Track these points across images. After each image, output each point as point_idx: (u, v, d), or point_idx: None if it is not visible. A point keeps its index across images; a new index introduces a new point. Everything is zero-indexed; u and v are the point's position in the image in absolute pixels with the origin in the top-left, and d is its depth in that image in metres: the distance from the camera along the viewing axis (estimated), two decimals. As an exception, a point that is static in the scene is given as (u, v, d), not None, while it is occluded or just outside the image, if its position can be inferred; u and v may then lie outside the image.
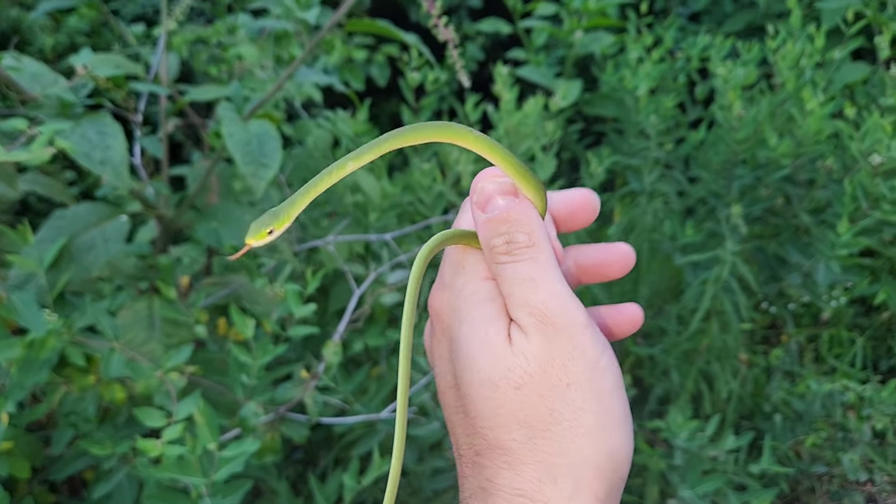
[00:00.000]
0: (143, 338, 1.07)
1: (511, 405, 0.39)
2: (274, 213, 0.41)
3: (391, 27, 0.94)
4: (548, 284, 0.41)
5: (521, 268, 0.41)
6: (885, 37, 1.50)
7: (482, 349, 0.40)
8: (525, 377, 0.39)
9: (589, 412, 0.39)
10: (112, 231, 1.01)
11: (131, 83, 0.98)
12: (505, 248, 0.42)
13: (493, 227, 0.42)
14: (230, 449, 0.82)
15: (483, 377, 0.40)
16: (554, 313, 0.40)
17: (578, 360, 0.39)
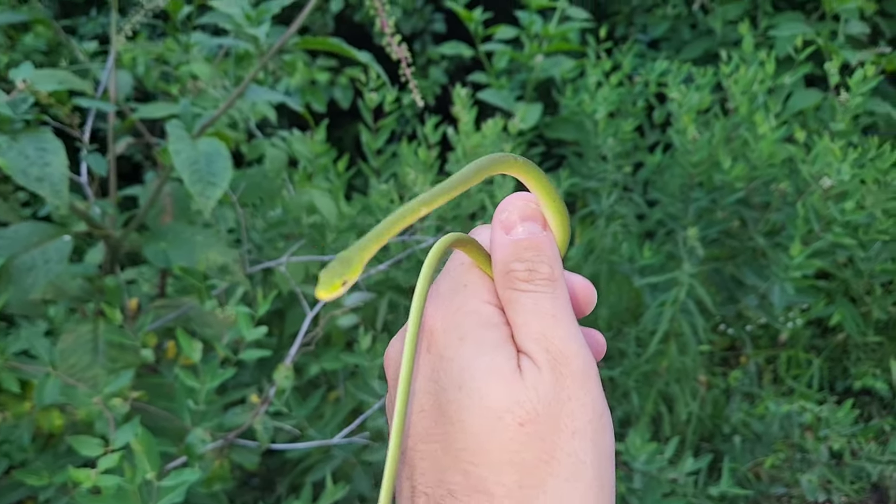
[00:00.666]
0: (87, 362, 1.03)
1: (509, 443, 0.35)
2: (345, 261, 0.36)
3: (344, 45, 0.93)
4: (568, 325, 0.38)
5: (542, 300, 0.38)
6: (835, 63, 1.53)
7: (490, 375, 0.36)
8: (532, 414, 0.35)
9: (590, 468, 0.35)
10: (54, 251, 0.98)
11: (76, 99, 0.96)
12: (526, 276, 0.39)
13: (517, 251, 0.39)
14: (171, 478, 0.79)
15: (486, 405, 0.36)
16: (571, 354, 0.37)
17: (588, 409, 0.36)
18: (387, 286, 1.34)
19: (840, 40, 2.00)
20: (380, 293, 1.36)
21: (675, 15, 2.60)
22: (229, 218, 1.37)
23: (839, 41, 2.01)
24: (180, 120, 0.97)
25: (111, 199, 1.08)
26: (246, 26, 0.89)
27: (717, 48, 2.39)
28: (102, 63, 1.31)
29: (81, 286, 1.12)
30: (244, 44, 1.16)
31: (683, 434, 1.63)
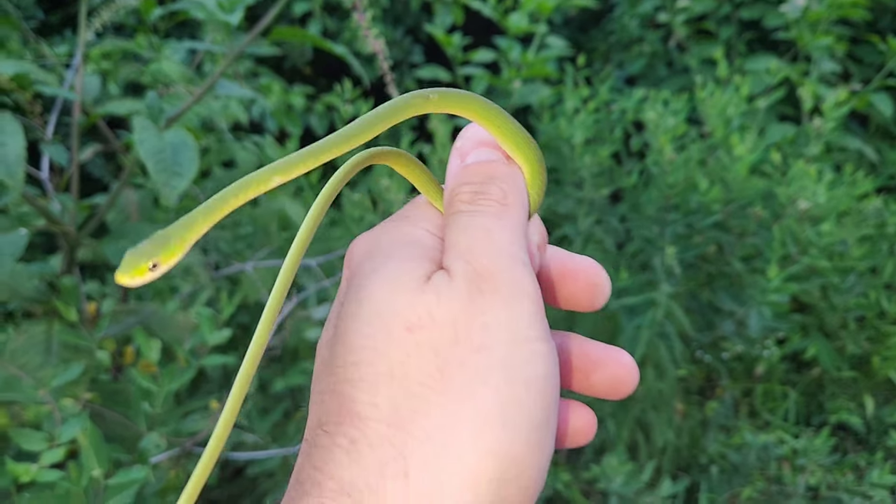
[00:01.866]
0: (38, 363, 0.98)
1: (392, 351, 0.29)
2: (160, 241, 0.30)
3: (318, 37, 0.91)
4: (505, 242, 0.32)
5: (479, 217, 0.33)
6: (808, 89, 1.55)
7: (387, 283, 0.31)
8: (425, 319, 0.29)
9: (492, 392, 0.28)
10: (8, 245, 0.93)
11: (39, 86, 0.93)
12: (470, 198, 0.33)
13: (467, 174, 0.35)
14: (119, 477, 0.74)
15: (371, 310, 0.30)
16: (498, 269, 0.30)
17: (506, 327, 0.29)
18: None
19: (812, 78, 2.04)
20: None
21: (652, 52, 2.64)
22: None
23: (811, 78, 2.04)
24: (147, 113, 0.95)
25: (73, 196, 1.04)
26: (218, 13, 0.87)
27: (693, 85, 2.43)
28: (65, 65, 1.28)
29: (37, 287, 1.07)
30: (217, 48, 1.14)
31: (660, 462, 1.59)
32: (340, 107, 1.43)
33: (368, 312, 0.30)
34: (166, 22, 1.20)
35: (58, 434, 0.75)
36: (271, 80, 2.23)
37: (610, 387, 0.38)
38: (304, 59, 2.81)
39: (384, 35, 2.73)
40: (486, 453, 0.27)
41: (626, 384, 0.38)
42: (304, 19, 2.65)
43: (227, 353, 1.16)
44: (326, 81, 2.90)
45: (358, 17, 0.88)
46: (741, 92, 1.52)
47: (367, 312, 0.30)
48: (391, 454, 0.28)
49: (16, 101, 0.91)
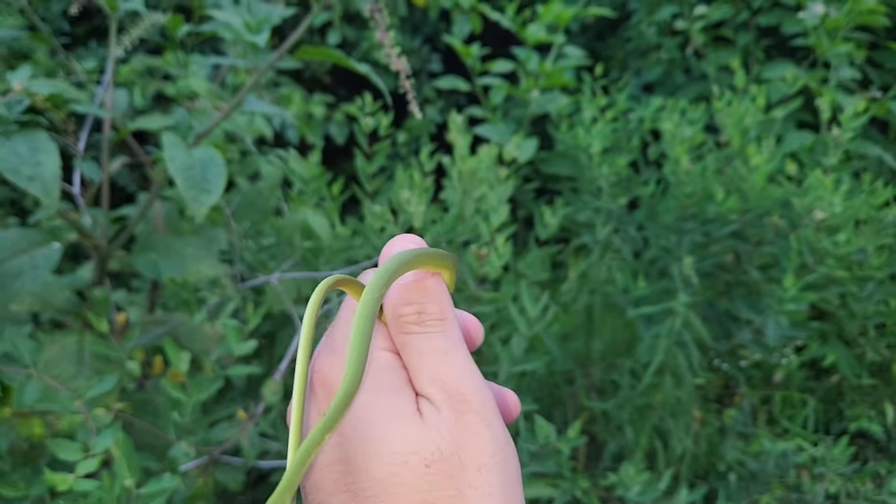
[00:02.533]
0: (71, 373, 1.01)
1: (417, 484, 0.36)
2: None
3: (343, 56, 0.94)
4: (461, 361, 0.39)
5: (433, 340, 0.39)
6: (826, 99, 1.56)
7: (390, 419, 0.37)
8: (437, 454, 0.36)
9: (498, 498, 0.36)
10: (42, 258, 0.96)
11: (72, 104, 0.96)
12: (416, 318, 0.39)
13: (405, 294, 0.40)
14: (150, 486, 0.76)
15: (390, 450, 0.36)
16: (468, 391, 0.38)
17: (491, 443, 0.37)
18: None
19: (831, 85, 2.04)
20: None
21: (669, 59, 2.64)
22: (222, 239, 1.36)
23: (830, 85, 2.04)
24: (176, 129, 0.97)
25: (103, 210, 1.07)
26: (245, 34, 0.90)
27: (710, 93, 2.43)
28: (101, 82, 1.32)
29: (69, 299, 1.11)
30: (242, 62, 1.16)
31: (678, 469, 1.60)
32: (361, 118, 1.46)
33: (385, 453, 0.36)
34: (193, 38, 1.23)
35: (92, 444, 0.78)
36: (292, 90, 2.26)
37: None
38: (323, 68, 2.84)
39: (402, 44, 2.75)
40: None
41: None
42: (324, 29, 2.68)
43: (252, 363, 1.18)
44: (346, 90, 2.93)
45: (380, 35, 0.90)
46: (758, 102, 1.53)
47: (384, 452, 0.36)
48: None
49: (50, 119, 0.94)
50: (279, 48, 0.96)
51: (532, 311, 1.22)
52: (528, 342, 1.26)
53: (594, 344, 1.65)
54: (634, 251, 1.82)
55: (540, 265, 1.59)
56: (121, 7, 1.06)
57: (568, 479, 1.34)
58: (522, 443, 1.21)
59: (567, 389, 1.67)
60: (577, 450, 1.65)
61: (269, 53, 1.06)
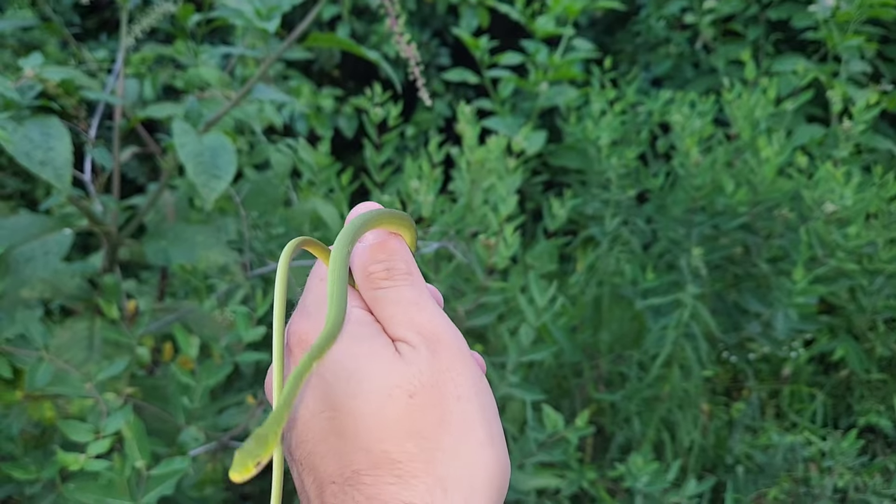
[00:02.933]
0: (82, 358, 1.02)
1: (403, 415, 0.38)
2: (260, 440, 0.36)
3: (353, 42, 0.94)
4: (432, 308, 0.42)
5: (404, 291, 0.42)
6: (837, 91, 1.55)
7: (372, 360, 0.40)
8: (419, 386, 0.39)
9: (479, 424, 0.39)
10: (53, 244, 0.97)
11: (83, 92, 0.96)
12: (385, 274, 0.42)
13: (372, 254, 0.43)
14: (161, 467, 0.77)
15: (374, 387, 0.39)
16: (441, 332, 0.41)
17: (466, 374, 0.40)
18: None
19: (842, 78, 2.03)
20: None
21: (678, 53, 2.63)
22: (231, 228, 1.36)
23: (841, 79, 2.03)
24: (186, 117, 0.98)
25: (114, 197, 1.07)
26: (256, 21, 0.90)
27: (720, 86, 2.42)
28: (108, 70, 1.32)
29: (79, 285, 1.11)
30: (252, 52, 1.16)
31: (686, 461, 1.60)
32: (370, 109, 1.46)
33: (369, 390, 0.39)
34: (203, 28, 1.23)
35: (103, 426, 0.78)
36: (301, 83, 2.26)
37: None
38: (332, 61, 2.84)
39: (412, 38, 2.75)
40: (491, 463, 0.38)
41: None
42: (333, 23, 2.68)
43: (261, 350, 1.19)
44: (355, 84, 2.93)
45: (390, 22, 0.90)
46: (768, 94, 1.52)
47: (368, 390, 0.39)
48: (431, 480, 0.37)
49: (62, 105, 0.95)
50: (288, 38, 0.96)
51: (540, 301, 1.22)
52: (536, 333, 1.26)
53: (602, 335, 1.65)
54: (643, 244, 1.81)
55: (548, 257, 1.58)
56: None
57: (575, 469, 1.34)
58: (530, 432, 1.21)
59: (575, 381, 1.67)
60: (585, 441, 1.65)
61: (279, 42, 1.06)
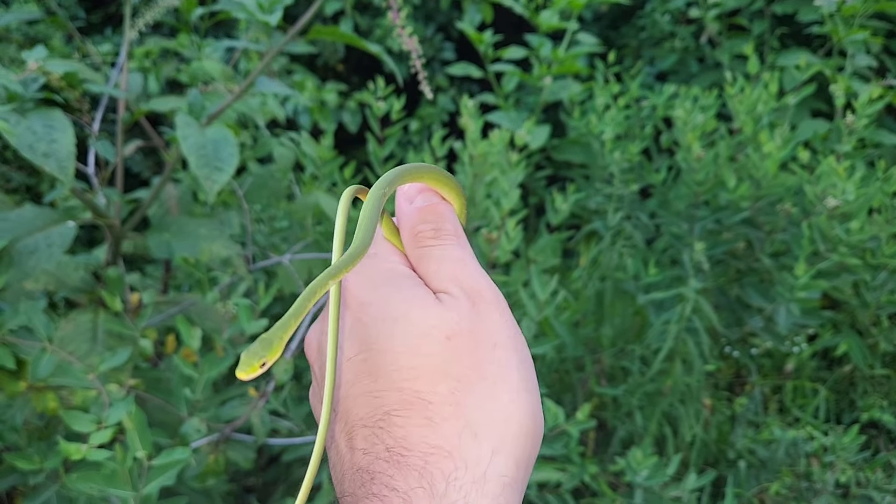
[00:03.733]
0: (85, 350, 1.02)
1: (438, 355, 0.38)
2: (266, 343, 0.37)
3: (355, 36, 0.94)
4: (475, 266, 0.42)
5: (449, 249, 0.43)
6: (841, 86, 1.54)
7: (412, 303, 0.40)
8: (457, 329, 0.39)
9: (514, 371, 0.39)
10: (57, 236, 0.97)
11: (87, 84, 0.97)
12: (433, 234, 0.43)
13: (422, 215, 0.44)
14: (162, 457, 0.77)
15: (411, 327, 0.39)
16: (483, 287, 0.41)
17: (505, 327, 0.40)
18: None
19: (847, 72, 2.02)
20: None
21: (683, 48, 2.63)
22: (234, 222, 1.37)
23: (846, 73, 2.02)
24: (189, 110, 0.98)
25: (117, 190, 1.08)
26: (258, 14, 0.90)
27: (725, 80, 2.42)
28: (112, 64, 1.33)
29: (83, 278, 1.12)
30: (255, 46, 1.17)
31: (687, 456, 1.60)
32: (373, 104, 1.46)
33: (406, 331, 0.39)
34: (206, 21, 1.23)
35: (105, 417, 0.79)
36: (305, 77, 2.27)
37: None
38: (336, 56, 2.84)
39: (416, 33, 2.75)
40: (525, 413, 0.38)
41: None
42: (336, 18, 2.68)
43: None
44: (359, 78, 2.93)
45: (392, 16, 0.90)
46: (770, 89, 1.52)
47: (406, 330, 0.39)
48: (461, 424, 0.37)
49: (65, 98, 0.95)
50: (291, 30, 0.97)
51: (542, 295, 1.22)
52: (538, 327, 1.27)
53: (604, 330, 1.65)
54: (646, 239, 1.81)
55: (551, 251, 1.59)
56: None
57: (577, 463, 1.34)
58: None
59: (577, 375, 1.67)
60: (587, 435, 1.65)
61: (283, 35, 1.06)
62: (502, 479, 0.37)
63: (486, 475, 0.36)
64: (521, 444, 0.38)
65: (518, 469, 0.38)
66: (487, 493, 0.36)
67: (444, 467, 0.36)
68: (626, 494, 1.43)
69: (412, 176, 0.45)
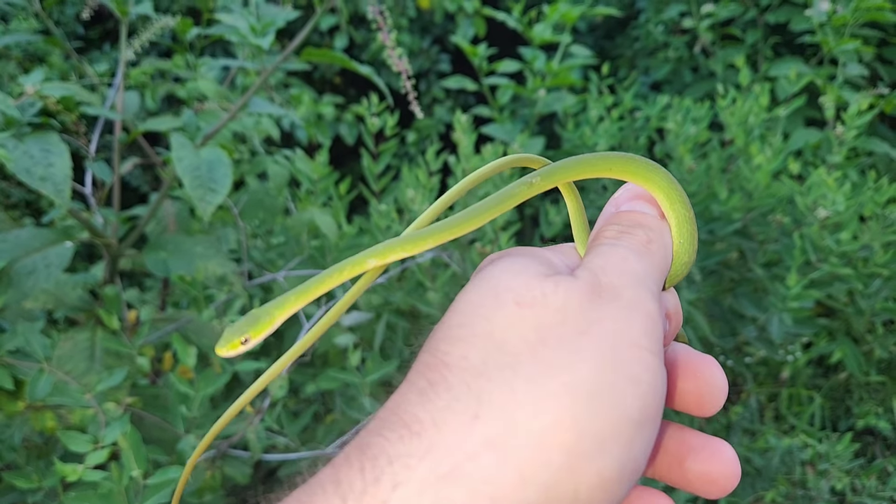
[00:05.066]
0: (83, 369, 1.04)
1: (496, 317, 0.30)
2: (252, 319, 0.33)
3: (346, 58, 0.96)
4: (638, 270, 0.33)
5: (619, 248, 0.34)
6: (830, 97, 1.56)
7: (505, 268, 0.32)
8: (538, 298, 0.30)
9: (588, 366, 0.28)
10: (54, 256, 0.99)
11: (83, 107, 0.98)
12: (614, 234, 0.35)
13: (617, 218, 0.36)
14: (157, 476, 0.79)
15: (489, 286, 0.31)
16: (623, 286, 0.31)
17: (618, 328, 0.29)
18: (385, 308, 1.34)
19: (839, 81, 2.04)
20: (378, 315, 1.37)
21: (677, 58, 2.65)
22: (231, 239, 1.38)
23: (838, 82, 2.04)
24: (184, 131, 1.00)
25: (114, 210, 1.09)
26: (250, 37, 0.92)
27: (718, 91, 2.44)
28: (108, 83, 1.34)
29: (81, 296, 1.13)
30: (250, 65, 1.19)
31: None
32: (367, 119, 1.48)
33: (482, 286, 0.32)
34: (202, 41, 1.25)
35: (102, 436, 0.80)
36: (302, 91, 2.28)
37: (706, 480, 0.35)
38: (333, 69, 2.87)
39: (412, 45, 2.77)
40: (565, 420, 0.27)
41: (725, 480, 0.35)
42: (332, 32, 2.71)
43: (260, 358, 1.21)
44: (356, 91, 2.96)
45: (383, 38, 0.92)
46: (760, 101, 1.53)
47: (482, 286, 0.32)
48: (465, 395, 0.28)
49: (62, 122, 0.97)
50: (285, 51, 0.98)
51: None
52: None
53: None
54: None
55: (545, 263, 1.60)
56: (131, 11, 1.09)
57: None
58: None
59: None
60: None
61: (276, 55, 1.08)
62: (480, 489, 0.26)
63: (453, 473, 0.26)
64: (541, 456, 0.26)
65: (519, 487, 0.26)
66: (443, 498, 0.26)
67: (399, 447, 0.27)
68: None
69: (637, 172, 0.36)
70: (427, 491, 0.26)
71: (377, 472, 0.27)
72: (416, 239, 0.35)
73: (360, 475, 0.27)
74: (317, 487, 0.28)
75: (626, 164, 0.37)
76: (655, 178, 0.37)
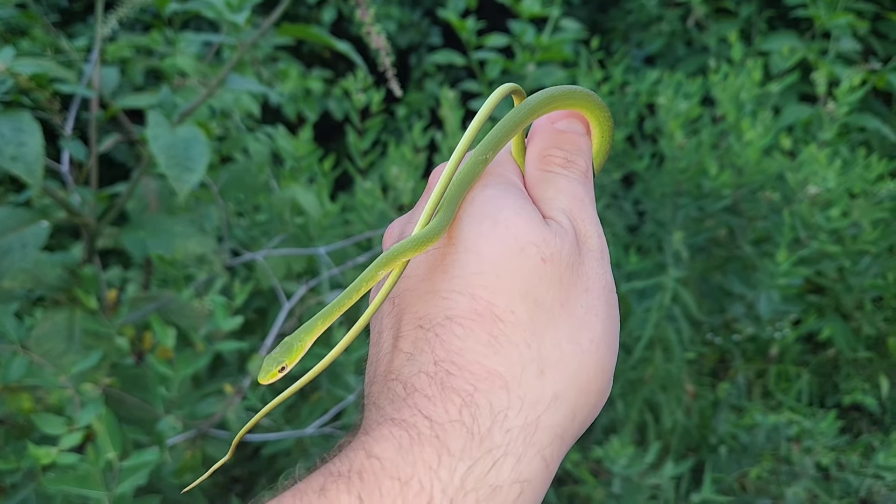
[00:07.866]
0: (61, 349, 1.03)
1: (529, 274, 0.35)
2: (286, 348, 0.36)
3: (323, 34, 0.94)
4: (593, 213, 0.40)
5: (574, 185, 0.40)
6: (822, 73, 1.54)
7: (518, 212, 0.37)
8: (557, 255, 0.36)
9: (601, 322, 0.36)
10: (31, 236, 0.97)
11: (57, 84, 0.96)
12: (563, 163, 0.40)
13: (559, 140, 0.41)
14: (133, 459, 0.78)
15: (510, 234, 0.36)
16: (591, 235, 0.39)
17: (601, 279, 0.37)
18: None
19: (831, 56, 2.02)
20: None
21: (671, 31, 2.62)
22: (213, 216, 1.37)
23: (830, 57, 2.02)
24: (160, 108, 0.98)
25: (92, 189, 1.08)
26: (226, 13, 0.90)
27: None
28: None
29: (60, 276, 1.12)
30: (230, 40, 1.16)
31: (668, 442, 1.62)
32: (354, 94, 1.45)
33: (504, 236, 0.36)
34: (180, 16, 1.22)
35: (77, 419, 0.79)
36: (289, 65, 2.25)
37: None
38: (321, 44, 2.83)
39: (402, 18, 2.73)
40: (600, 368, 0.35)
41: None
42: (321, 4, 2.67)
43: (246, 338, 1.20)
44: (345, 65, 2.92)
45: (361, 14, 0.90)
46: (753, 76, 1.51)
47: (503, 235, 0.36)
48: (527, 352, 0.33)
49: (35, 99, 0.95)
50: (262, 26, 0.96)
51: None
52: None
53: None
54: (630, 226, 1.81)
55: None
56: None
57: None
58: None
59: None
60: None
61: (255, 31, 1.06)
62: (554, 430, 0.33)
63: (538, 422, 0.32)
64: (585, 399, 0.34)
65: (573, 424, 0.34)
66: (535, 442, 0.32)
67: (494, 400, 0.32)
68: (608, 482, 1.45)
69: (563, 102, 0.41)
70: (521, 436, 0.32)
71: (482, 418, 0.32)
72: (423, 240, 0.37)
73: (458, 413, 0.32)
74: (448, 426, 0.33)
75: (548, 103, 0.41)
76: (580, 99, 0.42)
